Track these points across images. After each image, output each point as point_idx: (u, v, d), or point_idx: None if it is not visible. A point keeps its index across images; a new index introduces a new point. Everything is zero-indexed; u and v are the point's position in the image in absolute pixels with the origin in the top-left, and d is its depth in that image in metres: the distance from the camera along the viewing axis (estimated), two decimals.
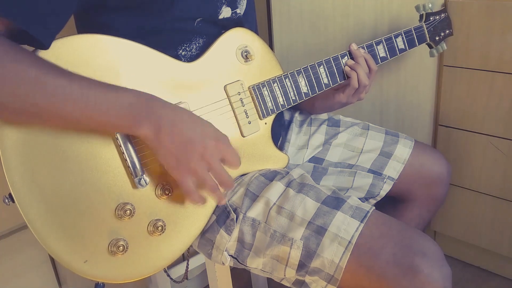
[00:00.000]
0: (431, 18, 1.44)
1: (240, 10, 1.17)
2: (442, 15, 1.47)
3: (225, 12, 1.14)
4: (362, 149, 1.38)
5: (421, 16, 1.44)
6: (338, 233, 1.01)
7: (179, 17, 1.07)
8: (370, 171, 1.36)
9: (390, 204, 1.42)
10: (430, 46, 1.49)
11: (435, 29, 1.45)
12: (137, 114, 0.90)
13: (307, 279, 1.06)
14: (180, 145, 0.94)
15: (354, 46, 1.28)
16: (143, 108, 0.91)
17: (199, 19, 1.10)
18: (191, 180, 0.97)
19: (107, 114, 0.88)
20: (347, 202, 1.06)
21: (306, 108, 1.44)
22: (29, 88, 0.82)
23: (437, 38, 1.47)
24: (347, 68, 1.27)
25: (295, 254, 1.04)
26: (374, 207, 1.07)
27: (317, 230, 1.03)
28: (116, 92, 0.90)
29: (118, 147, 0.98)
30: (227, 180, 1.00)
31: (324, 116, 1.45)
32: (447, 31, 1.50)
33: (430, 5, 1.43)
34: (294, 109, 1.46)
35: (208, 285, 1.37)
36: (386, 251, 0.99)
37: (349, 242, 1.00)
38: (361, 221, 1.02)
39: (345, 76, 1.28)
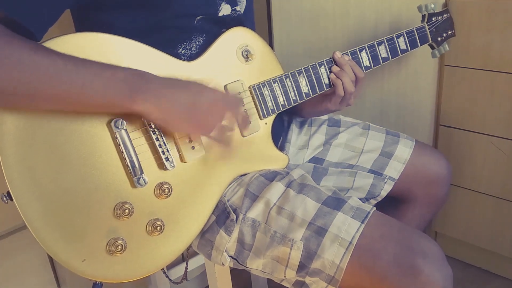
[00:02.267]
0: (434, 19, 1.44)
1: (240, 8, 1.17)
2: (445, 15, 1.47)
3: (225, 9, 1.13)
4: (363, 149, 1.37)
5: (423, 16, 1.44)
6: (338, 233, 1.01)
7: (179, 13, 1.06)
8: (370, 171, 1.35)
9: (391, 204, 1.42)
10: (432, 47, 1.48)
11: (437, 29, 1.45)
12: (133, 88, 0.91)
13: (307, 280, 1.06)
14: (185, 109, 0.96)
15: (338, 54, 1.25)
16: (138, 82, 0.91)
17: (199, 17, 1.09)
18: (213, 133, 1.01)
19: (104, 91, 0.88)
20: (348, 203, 1.06)
21: (295, 112, 1.41)
22: (23, 68, 0.81)
23: (439, 39, 1.46)
24: (332, 76, 1.25)
25: (296, 255, 1.03)
26: (374, 208, 1.07)
27: (318, 230, 1.02)
28: (111, 68, 0.90)
29: (117, 146, 0.97)
30: (242, 115, 1.09)
31: (324, 116, 1.44)
32: (450, 32, 1.49)
33: (432, 6, 1.42)
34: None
35: (207, 286, 1.37)
36: (387, 251, 0.99)
37: (350, 242, 1.00)
38: (362, 222, 1.02)
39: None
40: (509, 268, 1.80)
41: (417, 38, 1.40)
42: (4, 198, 0.90)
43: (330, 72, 1.25)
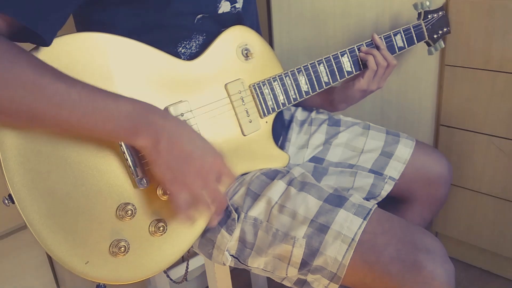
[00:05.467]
0: (429, 16, 1.45)
1: (239, 4, 1.17)
2: (440, 13, 1.48)
3: (224, 6, 1.13)
4: (363, 149, 1.37)
5: (419, 14, 1.45)
6: (341, 230, 1.01)
7: (178, 11, 1.06)
8: (371, 171, 1.35)
9: (391, 204, 1.42)
10: (428, 44, 1.49)
11: (433, 27, 1.46)
12: (136, 124, 0.89)
13: (309, 278, 1.06)
14: (178, 159, 0.93)
15: (376, 36, 1.31)
16: (142, 119, 0.90)
17: (199, 16, 1.09)
18: (184, 196, 0.96)
19: (105, 122, 0.87)
20: (350, 200, 1.06)
21: (324, 106, 1.44)
22: (26, 91, 0.80)
23: (435, 36, 1.47)
24: (361, 54, 1.28)
25: (298, 253, 1.03)
26: (376, 205, 1.07)
27: (320, 228, 1.02)
28: (116, 100, 0.89)
29: (119, 146, 0.97)
30: (221, 199, 1.00)
31: (324, 115, 1.44)
32: (445, 29, 1.50)
33: (427, 3, 1.43)
34: (297, 106, 1.46)
35: (207, 286, 1.37)
36: (389, 248, 0.99)
37: (352, 239, 1.00)
38: (364, 219, 1.02)
39: (346, 74, 1.28)
40: (510, 268, 1.80)
41: (414, 35, 1.41)
42: (6, 201, 0.90)
43: (359, 52, 1.29)
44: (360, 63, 1.30)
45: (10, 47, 0.81)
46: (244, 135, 1.15)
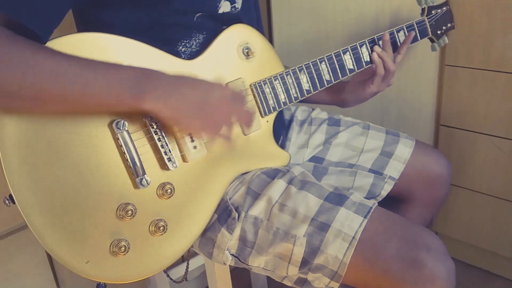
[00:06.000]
0: (433, 12, 1.43)
1: (238, 4, 1.17)
2: (444, 8, 1.46)
3: (225, 6, 1.13)
4: (363, 148, 1.37)
5: (423, 9, 1.43)
6: (341, 229, 1.01)
7: (179, 10, 1.06)
8: (371, 170, 1.36)
9: (391, 204, 1.41)
10: (432, 40, 1.48)
11: (437, 22, 1.44)
12: (140, 86, 0.90)
13: (310, 276, 1.06)
14: (196, 105, 0.96)
15: (387, 36, 1.31)
16: (145, 80, 0.91)
17: (198, 14, 1.09)
18: (223, 131, 1.02)
19: (109, 88, 0.88)
20: (350, 199, 1.06)
21: (336, 104, 1.45)
22: (26, 68, 0.81)
23: (439, 32, 1.46)
24: (374, 55, 1.29)
25: (298, 251, 1.03)
26: (377, 203, 1.07)
27: (321, 226, 1.02)
28: (116, 67, 0.90)
29: (119, 147, 0.97)
30: (249, 115, 1.08)
31: (324, 115, 1.45)
32: (449, 25, 1.49)
33: None
34: (300, 104, 1.47)
35: (207, 286, 1.37)
36: (390, 245, 0.99)
37: (353, 237, 1.00)
38: (365, 217, 1.02)
39: (348, 72, 1.28)
40: (510, 268, 1.80)
41: (417, 31, 1.40)
42: (7, 201, 0.90)
43: (372, 51, 1.30)
44: (363, 60, 1.30)
45: (6, 31, 0.82)
46: (245, 135, 1.16)
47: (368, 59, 1.31)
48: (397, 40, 1.35)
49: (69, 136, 0.93)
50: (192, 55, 1.11)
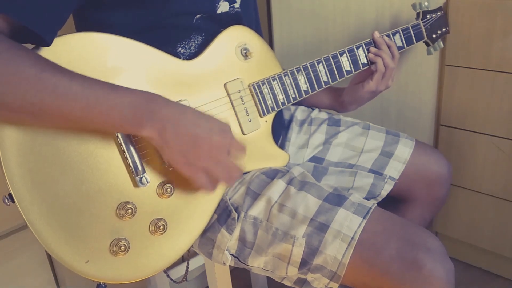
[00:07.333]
0: (428, 16, 1.45)
1: (237, 4, 1.17)
2: (439, 13, 1.48)
3: (223, 7, 1.13)
4: (363, 148, 1.37)
5: (418, 14, 1.45)
6: (340, 229, 1.01)
7: (177, 11, 1.06)
8: (371, 171, 1.35)
9: (391, 204, 1.42)
10: (427, 44, 1.49)
11: (432, 27, 1.46)
12: (140, 114, 0.90)
13: (309, 277, 1.06)
14: (187, 143, 0.94)
15: (377, 34, 1.32)
16: (145, 108, 0.90)
17: (198, 16, 1.09)
18: (201, 175, 0.98)
19: (108, 114, 0.87)
20: (349, 199, 1.06)
21: (334, 107, 1.45)
22: (29, 86, 0.81)
23: (434, 36, 1.48)
24: (371, 55, 1.30)
25: (297, 252, 1.03)
26: (376, 204, 1.07)
27: (320, 227, 1.02)
28: (117, 91, 0.89)
29: (118, 146, 0.97)
30: (237, 171, 1.01)
31: (324, 115, 1.45)
32: (444, 29, 1.50)
33: (426, 3, 1.44)
34: (297, 106, 1.47)
35: (207, 286, 1.37)
36: (389, 246, 0.99)
37: (352, 238, 1.00)
38: (364, 218, 1.02)
39: (345, 73, 1.29)
40: (510, 268, 1.80)
41: (413, 35, 1.41)
42: (6, 201, 0.90)
43: (368, 52, 1.31)
44: (360, 62, 1.30)
45: (10, 44, 0.82)
46: (244, 134, 1.16)
47: (365, 61, 1.31)
48: (394, 43, 1.36)
49: (68, 135, 0.92)
50: (191, 56, 1.11)
